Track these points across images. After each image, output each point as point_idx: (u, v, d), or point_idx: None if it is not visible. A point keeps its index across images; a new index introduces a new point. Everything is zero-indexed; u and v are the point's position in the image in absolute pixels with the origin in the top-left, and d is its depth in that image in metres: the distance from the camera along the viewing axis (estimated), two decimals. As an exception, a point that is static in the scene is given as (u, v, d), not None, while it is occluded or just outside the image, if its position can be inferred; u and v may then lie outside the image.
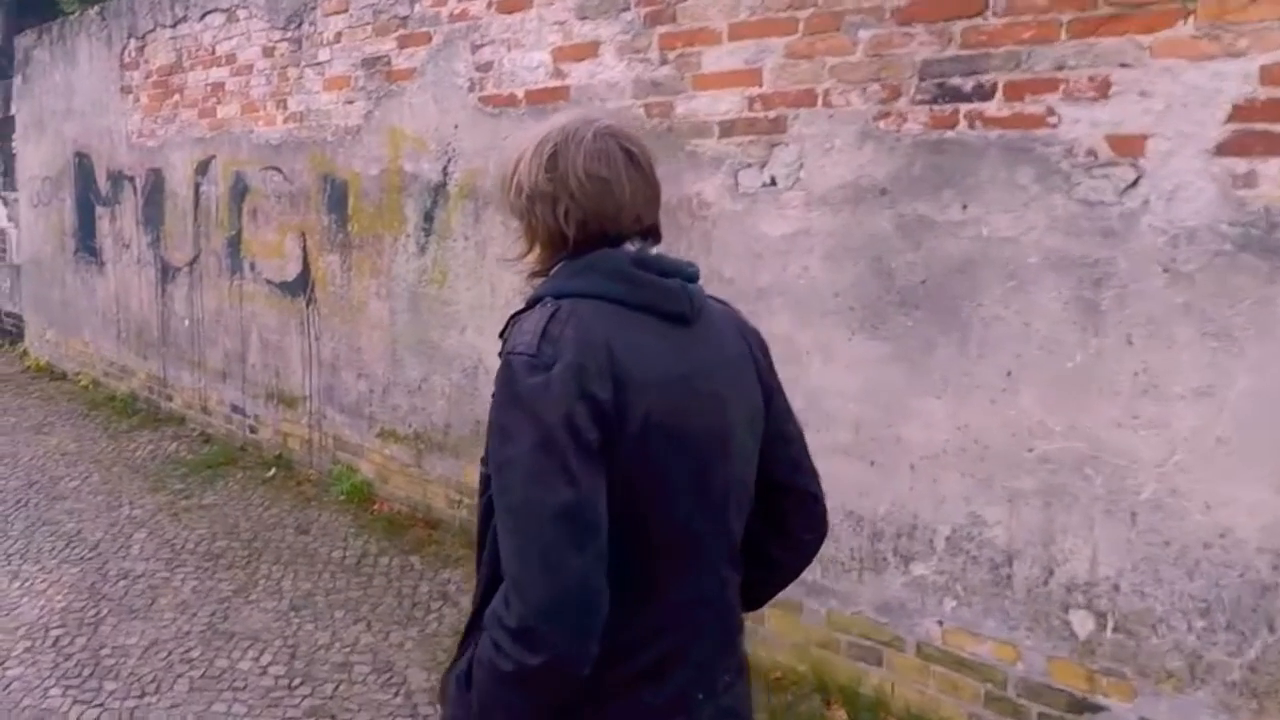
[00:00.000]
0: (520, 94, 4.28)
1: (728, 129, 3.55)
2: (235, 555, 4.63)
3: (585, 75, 4.01)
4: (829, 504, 3.30)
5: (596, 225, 1.44)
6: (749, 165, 3.49)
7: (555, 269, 1.48)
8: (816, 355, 3.36)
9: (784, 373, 3.37)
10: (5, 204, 9.15)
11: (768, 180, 3.45)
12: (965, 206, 2.98)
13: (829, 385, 3.33)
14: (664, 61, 3.72)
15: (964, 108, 2.98)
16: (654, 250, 1.51)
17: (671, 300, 1.46)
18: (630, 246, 1.47)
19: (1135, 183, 2.67)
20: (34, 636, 3.84)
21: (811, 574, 3.39)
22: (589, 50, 3.98)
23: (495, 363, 1.42)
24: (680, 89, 3.68)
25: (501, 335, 1.45)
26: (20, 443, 6.50)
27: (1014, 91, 2.87)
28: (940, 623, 3.11)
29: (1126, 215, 2.68)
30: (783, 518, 1.64)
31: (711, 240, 3.62)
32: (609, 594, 1.33)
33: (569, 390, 1.31)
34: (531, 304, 1.45)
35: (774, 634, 3.53)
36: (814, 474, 1.68)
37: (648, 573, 1.42)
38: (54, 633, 3.87)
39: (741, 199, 3.53)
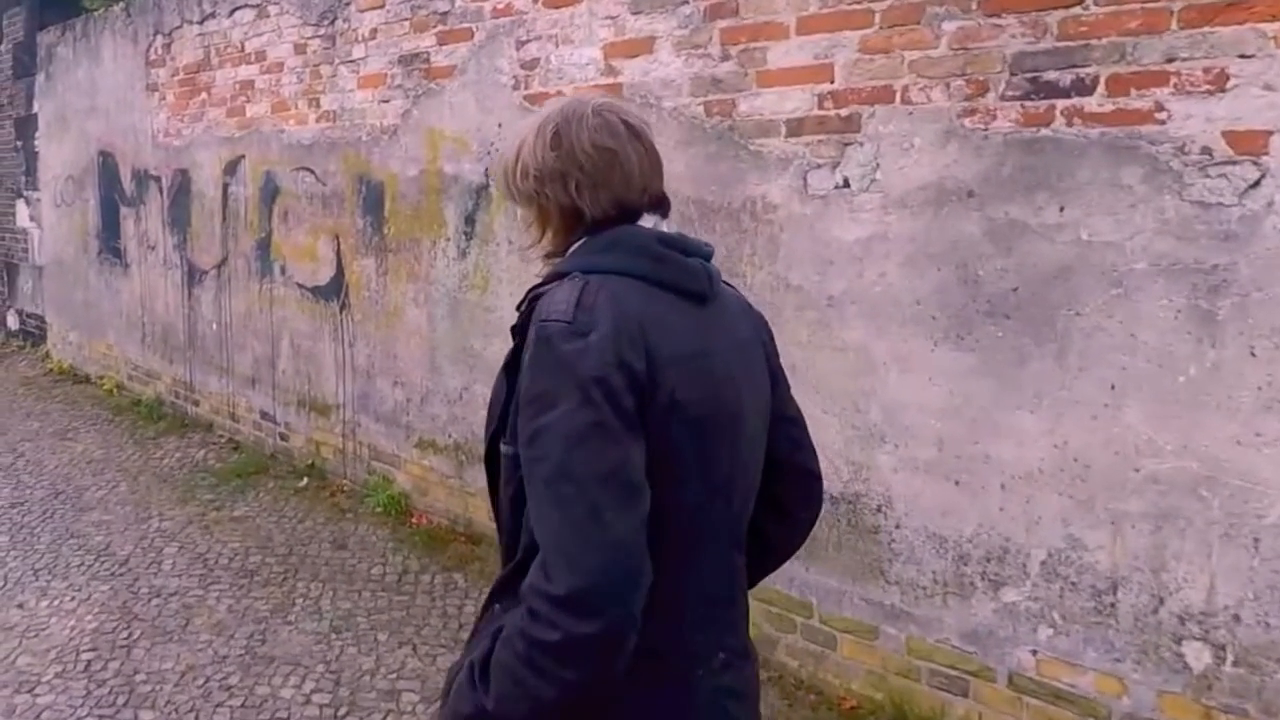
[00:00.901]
0: (568, 92, 4.09)
1: (795, 128, 3.36)
2: (270, 571, 4.45)
3: (639, 72, 3.82)
4: (910, 524, 3.14)
5: (609, 196, 1.44)
6: (819, 166, 3.30)
7: (576, 246, 1.47)
8: (894, 367, 3.17)
9: (858, 384, 3.24)
10: (28, 204, 9.00)
11: (840, 182, 3.26)
12: (1062, 209, 2.79)
13: (908, 398, 3.14)
14: (726, 57, 3.53)
15: (1061, 104, 2.78)
16: (665, 224, 1.52)
17: (692, 279, 1.46)
18: (647, 222, 1.48)
19: (1258, 183, 2.47)
20: (65, 660, 3.67)
21: (889, 597, 3.22)
22: (643, 46, 3.80)
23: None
24: (743, 86, 3.49)
25: (519, 308, 1.43)
26: (45, 449, 6.35)
27: (1118, 86, 2.68)
28: (1034, 652, 2.91)
29: (1248, 218, 2.48)
30: (780, 495, 1.62)
31: (778, 245, 3.43)
32: None
33: (606, 357, 1.29)
34: (551, 279, 1.43)
35: (846, 660, 3.34)
36: (814, 453, 1.69)
37: (655, 551, 1.34)
38: (85, 656, 3.70)
39: (811, 201, 3.34)
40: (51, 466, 5.99)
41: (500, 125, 4.40)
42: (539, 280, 1.46)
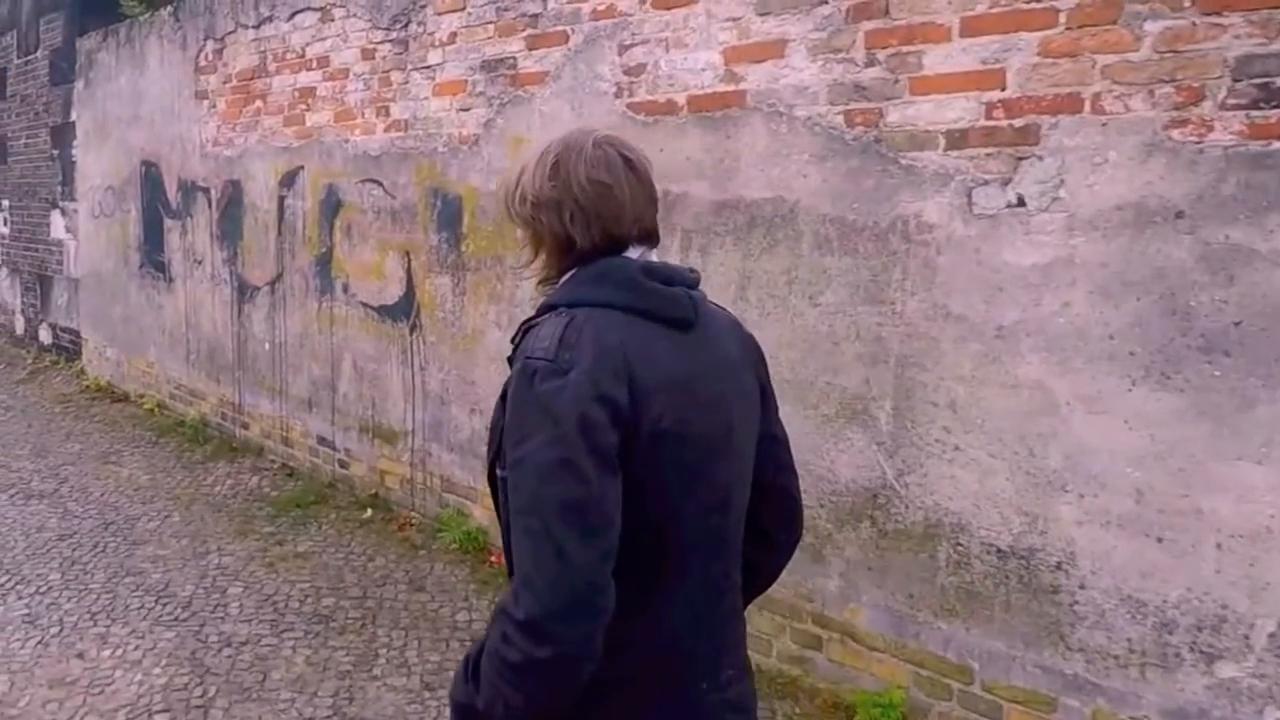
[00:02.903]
0: (681, 100, 3.76)
1: (957, 140, 3.03)
2: (347, 617, 4.11)
3: (766, 78, 3.49)
4: (1098, 585, 2.79)
5: (600, 228, 1.48)
6: (986, 182, 2.97)
7: (567, 278, 1.52)
8: (1079, 407, 2.82)
9: (1034, 426, 2.88)
10: (64, 214, 8.69)
11: (1013, 200, 2.92)
12: (1300, 233, 2.45)
13: (1098, 443, 2.79)
14: (871, 62, 3.20)
15: (1298, 113, 2.45)
16: (654, 254, 1.56)
17: (674, 306, 1.49)
18: (634, 253, 1.52)
19: None
20: (137, 721, 3.33)
21: (1071, 666, 2.86)
22: (773, 50, 3.46)
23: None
24: (893, 94, 3.16)
25: (513, 341, 1.51)
26: (88, 474, 6.03)
27: (1374, 93, 2.34)
28: (1259, 738, 2.57)
29: None
30: (760, 516, 1.65)
31: (935, 269, 3.09)
32: (615, 591, 1.34)
33: (584, 393, 1.33)
34: (542, 311, 1.49)
35: (1015, 735, 2.99)
36: (795, 474, 1.74)
37: (654, 570, 1.45)
38: (159, 718, 3.35)
39: (977, 222, 3.00)
40: (98, 494, 5.66)
41: (599, 136, 4.06)
42: (532, 314, 1.51)
